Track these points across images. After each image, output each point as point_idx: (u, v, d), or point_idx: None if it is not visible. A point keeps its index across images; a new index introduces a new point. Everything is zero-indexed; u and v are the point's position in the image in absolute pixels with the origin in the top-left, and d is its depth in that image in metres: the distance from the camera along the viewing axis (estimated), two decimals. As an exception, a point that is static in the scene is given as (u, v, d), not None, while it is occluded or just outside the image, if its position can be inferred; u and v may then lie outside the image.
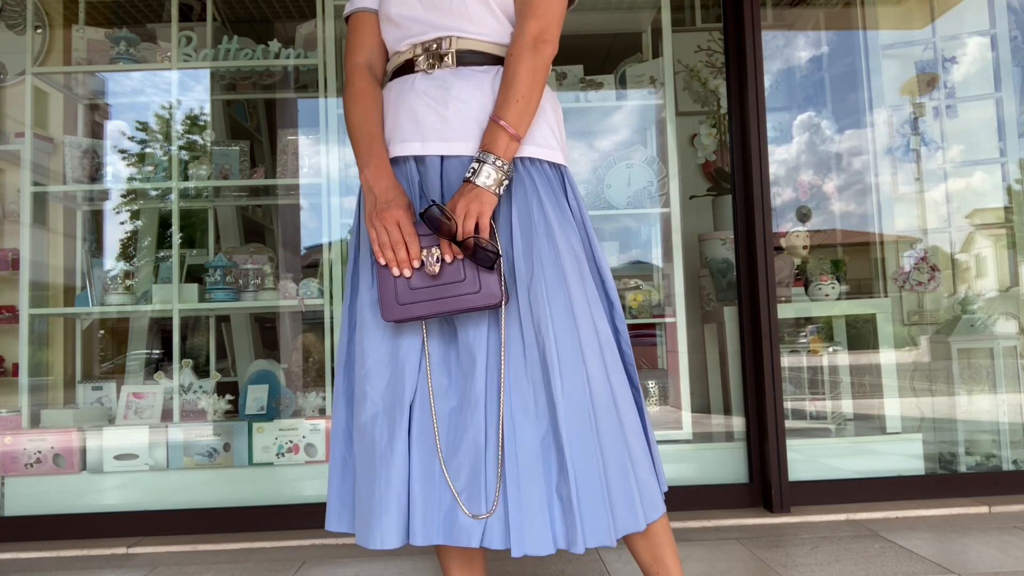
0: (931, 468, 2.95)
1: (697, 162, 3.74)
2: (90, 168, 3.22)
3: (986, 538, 2.32)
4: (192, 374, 3.02)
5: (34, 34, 3.21)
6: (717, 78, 3.59)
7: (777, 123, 3.66)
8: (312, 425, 2.82)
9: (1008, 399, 3.17)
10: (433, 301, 1.31)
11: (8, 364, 3.29)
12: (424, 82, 1.41)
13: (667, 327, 3.36)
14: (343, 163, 3.16)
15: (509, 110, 1.32)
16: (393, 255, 1.32)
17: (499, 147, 1.32)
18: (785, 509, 2.64)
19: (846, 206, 3.75)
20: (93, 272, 3.05)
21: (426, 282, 1.32)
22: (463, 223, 1.29)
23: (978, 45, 3.54)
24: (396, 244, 1.32)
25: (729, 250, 3.32)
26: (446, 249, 1.31)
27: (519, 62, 1.34)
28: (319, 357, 3.08)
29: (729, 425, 3.01)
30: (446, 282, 1.31)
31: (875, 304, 3.25)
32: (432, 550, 2.40)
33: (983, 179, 3.55)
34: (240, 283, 3.09)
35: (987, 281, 3.57)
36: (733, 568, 2.12)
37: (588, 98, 3.27)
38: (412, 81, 1.42)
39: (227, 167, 3.26)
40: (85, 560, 2.43)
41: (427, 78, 1.41)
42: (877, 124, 3.69)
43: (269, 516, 2.66)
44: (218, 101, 3.67)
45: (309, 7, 3.13)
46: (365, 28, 1.52)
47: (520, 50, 1.35)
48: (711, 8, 3.88)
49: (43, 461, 2.78)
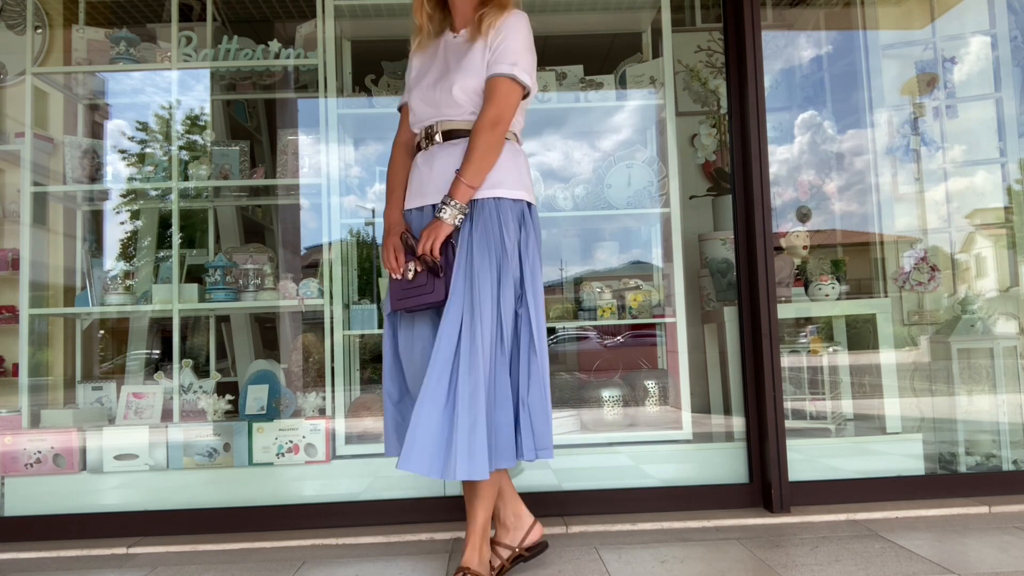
0: (931, 468, 2.95)
1: (697, 162, 3.74)
2: (90, 168, 3.22)
3: (986, 538, 2.32)
4: (192, 374, 3.03)
5: (34, 34, 3.21)
6: (717, 78, 3.59)
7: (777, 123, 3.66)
8: (312, 425, 2.82)
9: (1008, 399, 3.17)
10: (410, 299, 1.94)
11: (8, 364, 3.29)
12: (422, 157, 2.06)
13: (667, 327, 3.36)
14: (343, 163, 3.16)
15: (467, 169, 1.90)
16: (388, 265, 2.00)
17: (458, 194, 1.90)
18: (785, 509, 2.64)
19: (846, 206, 3.75)
20: (93, 272, 3.05)
21: (407, 286, 1.95)
22: (423, 244, 1.90)
23: (978, 45, 3.54)
24: (390, 259, 2.00)
25: (729, 250, 3.32)
26: (419, 263, 1.92)
27: (478, 136, 1.92)
28: (319, 357, 3.08)
29: (729, 425, 3.01)
30: (417, 285, 1.94)
31: (875, 304, 3.25)
32: (432, 550, 2.40)
33: (983, 179, 3.55)
34: (240, 283, 3.09)
35: (987, 281, 3.57)
36: (733, 568, 2.12)
37: (588, 98, 3.27)
38: (418, 157, 2.08)
39: (227, 167, 3.26)
40: (85, 560, 2.43)
41: (425, 153, 2.05)
42: (877, 124, 3.69)
43: (269, 516, 2.66)
44: (218, 101, 3.67)
45: (309, 7, 3.13)
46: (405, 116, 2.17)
47: (480, 128, 1.92)
48: (711, 8, 3.88)
49: (43, 461, 2.78)
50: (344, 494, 2.74)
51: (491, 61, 1.94)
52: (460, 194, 1.88)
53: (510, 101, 1.94)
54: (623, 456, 2.86)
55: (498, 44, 1.94)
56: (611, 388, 3.22)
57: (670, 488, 2.75)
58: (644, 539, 2.42)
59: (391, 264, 1.98)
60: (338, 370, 2.94)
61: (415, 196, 2.06)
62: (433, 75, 2.04)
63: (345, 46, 3.36)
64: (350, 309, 3.06)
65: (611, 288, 3.27)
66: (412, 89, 2.09)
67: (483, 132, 1.90)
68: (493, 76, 1.94)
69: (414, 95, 2.07)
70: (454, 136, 1.99)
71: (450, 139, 1.99)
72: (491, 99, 1.93)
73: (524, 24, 2.00)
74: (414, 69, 2.12)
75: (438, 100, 1.99)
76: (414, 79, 2.10)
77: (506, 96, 1.93)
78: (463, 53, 1.99)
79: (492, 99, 1.92)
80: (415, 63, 2.13)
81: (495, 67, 1.94)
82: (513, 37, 1.95)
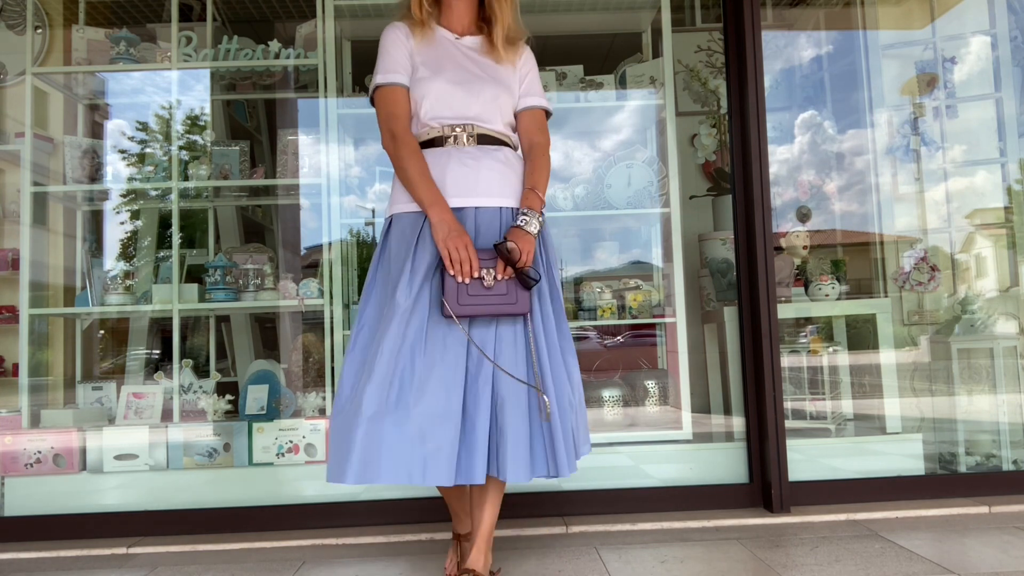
0: (931, 468, 2.95)
1: (697, 162, 3.74)
2: (90, 168, 3.22)
3: (986, 538, 2.32)
4: (192, 374, 3.03)
5: (34, 34, 3.21)
6: (717, 78, 3.59)
7: (777, 123, 3.66)
8: (312, 425, 2.82)
9: (1008, 399, 3.17)
10: (484, 305, 1.85)
11: (8, 364, 3.29)
12: (461, 155, 2.00)
13: (667, 327, 3.36)
14: (343, 163, 3.16)
15: (541, 185, 2.03)
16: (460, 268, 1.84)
17: (536, 207, 1.99)
18: (785, 509, 2.64)
19: (846, 206, 3.75)
20: (93, 272, 3.05)
21: (480, 291, 1.85)
22: (524, 257, 1.88)
23: (978, 45, 3.54)
24: (463, 261, 1.84)
25: (729, 250, 3.32)
26: (500, 270, 1.86)
27: (543, 156, 2.08)
28: (319, 357, 3.08)
29: (729, 425, 3.01)
30: (495, 294, 1.86)
31: (875, 304, 3.25)
32: (432, 550, 2.40)
33: (983, 179, 3.55)
34: (240, 283, 3.09)
35: (987, 281, 3.57)
36: (733, 568, 2.12)
37: (588, 98, 3.27)
38: (449, 154, 2.00)
39: (227, 167, 3.26)
40: (85, 560, 2.43)
41: (463, 153, 2.00)
42: (877, 124, 3.69)
43: (269, 516, 2.66)
44: (218, 101, 3.67)
45: (309, 7, 3.13)
46: (404, 99, 2.04)
47: (543, 151, 2.10)
48: (711, 8, 3.88)
49: (43, 461, 2.78)
50: (344, 494, 2.74)
51: (529, 92, 2.14)
52: (537, 207, 2.00)
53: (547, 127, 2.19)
54: (623, 456, 2.86)
55: (530, 76, 2.15)
56: (611, 388, 3.22)
57: (670, 488, 2.75)
58: (644, 539, 2.43)
59: (466, 267, 1.84)
60: (338, 370, 2.94)
61: (456, 194, 1.96)
62: (456, 73, 2.03)
63: (345, 46, 3.36)
64: (350, 309, 3.06)
65: (611, 288, 3.28)
66: (425, 79, 2.03)
67: (546, 155, 2.10)
68: (538, 108, 2.14)
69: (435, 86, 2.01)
70: (489, 142, 2.04)
71: (485, 143, 2.03)
72: (543, 128, 2.14)
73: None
74: (417, 55, 2.06)
75: (472, 103, 2.02)
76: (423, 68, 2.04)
77: (546, 125, 2.17)
78: (494, 67, 2.09)
79: (543, 128, 2.14)
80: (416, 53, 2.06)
81: (538, 99, 2.14)
82: (536, 71, 2.19)
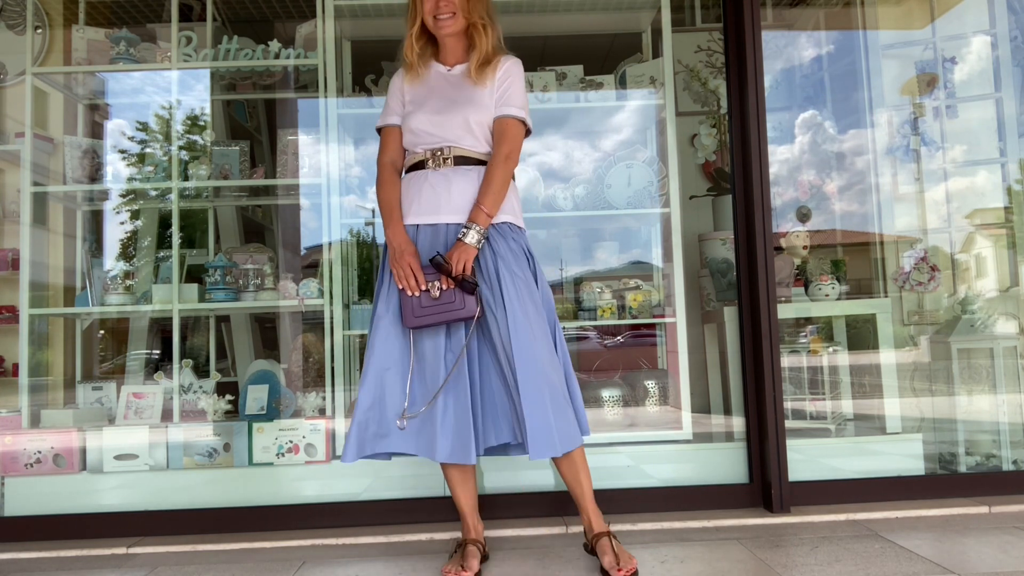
0: (931, 468, 2.95)
1: (697, 162, 3.74)
2: (90, 168, 3.22)
3: (986, 538, 2.32)
4: (192, 374, 3.03)
5: (34, 34, 3.21)
6: (717, 78, 3.59)
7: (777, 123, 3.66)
8: (312, 425, 2.82)
9: (1008, 399, 3.17)
10: (436, 315, 2.06)
11: (8, 364, 3.29)
12: (434, 176, 2.17)
13: (667, 327, 3.36)
14: (343, 163, 3.16)
15: (486, 199, 2.10)
16: (407, 284, 2.08)
17: (479, 221, 2.09)
18: (785, 509, 2.64)
19: (846, 206, 3.75)
20: (93, 272, 3.05)
21: (430, 303, 2.06)
22: (456, 266, 2.05)
23: (978, 45, 3.54)
24: (408, 277, 2.08)
25: (729, 250, 3.32)
26: (444, 282, 2.06)
27: (496, 170, 2.13)
28: (319, 357, 3.08)
29: (729, 425, 3.01)
30: (443, 303, 2.06)
31: (875, 304, 3.25)
32: (432, 550, 2.40)
33: (983, 179, 3.55)
34: (240, 283, 3.09)
35: (987, 281, 3.57)
36: (733, 568, 2.12)
37: (588, 98, 3.27)
38: (425, 175, 2.18)
39: (227, 167, 3.26)
40: (85, 560, 2.43)
41: (437, 173, 2.17)
42: (877, 124, 3.69)
43: (269, 516, 2.66)
44: (218, 101, 3.67)
45: (309, 7, 3.13)
46: (392, 136, 2.27)
47: (497, 163, 2.14)
48: (711, 8, 3.88)
49: (43, 461, 2.78)
50: (344, 494, 2.75)
51: (500, 103, 2.17)
52: (482, 220, 2.09)
53: (519, 140, 2.20)
54: (623, 456, 2.86)
55: (505, 88, 2.18)
56: (611, 388, 3.23)
57: (670, 488, 2.75)
58: (644, 539, 2.43)
59: (411, 283, 2.07)
60: (338, 370, 2.94)
61: (427, 213, 2.17)
62: (436, 103, 2.20)
63: (345, 46, 3.36)
64: (350, 309, 3.06)
65: (611, 288, 3.28)
66: (411, 114, 2.22)
67: (500, 166, 2.13)
68: (506, 117, 2.17)
69: (416, 118, 2.20)
70: (465, 162, 2.17)
71: (461, 164, 2.17)
72: (504, 138, 2.16)
73: (521, 70, 2.25)
74: (406, 94, 2.26)
75: (448, 127, 2.16)
76: (410, 104, 2.25)
77: (516, 135, 2.19)
78: (470, 89, 2.19)
79: (505, 138, 2.16)
80: (407, 91, 2.27)
81: (506, 109, 2.17)
82: (516, 83, 2.20)
